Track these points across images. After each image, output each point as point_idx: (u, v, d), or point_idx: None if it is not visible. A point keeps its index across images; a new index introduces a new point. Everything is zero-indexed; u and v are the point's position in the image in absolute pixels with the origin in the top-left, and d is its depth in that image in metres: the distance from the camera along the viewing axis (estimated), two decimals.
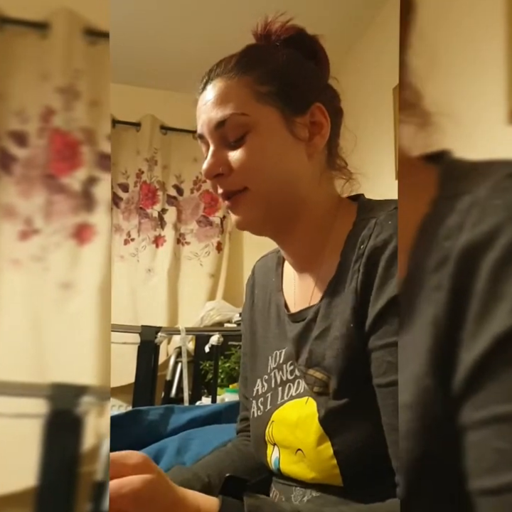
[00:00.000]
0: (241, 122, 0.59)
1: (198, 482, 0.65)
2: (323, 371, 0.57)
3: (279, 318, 0.69)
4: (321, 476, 0.56)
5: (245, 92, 0.60)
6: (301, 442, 0.57)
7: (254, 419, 0.68)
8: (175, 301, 2.68)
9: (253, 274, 0.80)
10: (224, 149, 0.61)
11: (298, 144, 0.61)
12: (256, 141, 0.59)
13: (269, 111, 0.60)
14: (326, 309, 0.59)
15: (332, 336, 0.57)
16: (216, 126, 0.60)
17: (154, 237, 2.71)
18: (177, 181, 2.80)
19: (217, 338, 1.91)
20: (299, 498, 0.59)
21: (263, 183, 0.60)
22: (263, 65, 0.62)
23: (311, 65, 0.65)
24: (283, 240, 0.67)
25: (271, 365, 0.68)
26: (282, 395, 0.64)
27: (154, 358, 1.95)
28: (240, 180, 0.60)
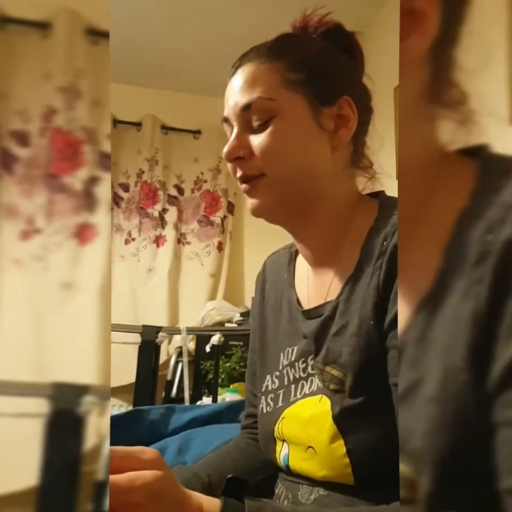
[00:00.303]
0: (267, 107, 0.59)
1: (198, 482, 0.65)
2: (339, 368, 0.57)
3: (291, 315, 0.68)
4: (332, 475, 0.55)
5: (274, 77, 0.60)
6: (313, 440, 0.57)
7: (263, 415, 0.68)
8: (175, 301, 2.68)
9: (263, 270, 0.79)
10: (247, 133, 0.61)
11: (322, 135, 0.61)
12: (280, 127, 0.59)
13: (297, 98, 0.60)
14: (344, 305, 0.58)
15: (349, 332, 0.56)
16: (242, 109, 0.61)
17: (155, 237, 2.71)
18: (178, 181, 2.80)
19: (218, 338, 1.91)
20: (306, 495, 0.59)
21: (282, 170, 0.60)
22: (295, 53, 0.62)
23: (345, 59, 0.65)
24: (299, 232, 0.66)
25: (283, 362, 0.67)
26: (295, 393, 0.64)
27: (155, 358, 1.95)
28: (259, 164, 0.60)
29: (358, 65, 0.67)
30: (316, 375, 0.61)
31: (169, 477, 0.46)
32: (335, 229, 0.63)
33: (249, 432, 0.78)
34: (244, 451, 0.74)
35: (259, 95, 0.59)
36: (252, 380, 0.77)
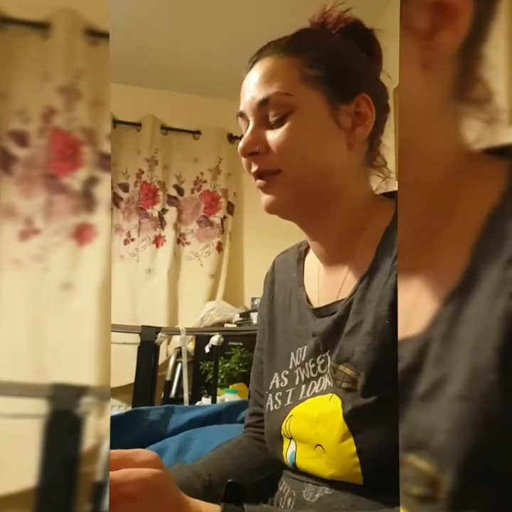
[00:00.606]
0: (284, 102, 0.59)
1: (199, 480, 0.65)
2: (352, 367, 0.56)
3: (301, 314, 0.68)
4: (340, 473, 0.55)
5: (293, 73, 0.60)
6: (322, 438, 0.57)
7: (270, 412, 0.68)
8: (175, 302, 2.68)
9: (273, 269, 0.79)
10: (263, 128, 0.61)
11: (339, 132, 0.61)
12: (297, 123, 0.59)
13: (315, 94, 0.60)
14: (358, 304, 0.58)
15: (363, 331, 0.56)
16: (259, 104, 0.60)
17: (154, 237, 2.71)
18: (177, 181, 2.80)
19: (218, 339, 1.91)
20: (311, 494, 0.59)
21: (298, 166, 0.59)
22: (314, 49, 0.61)
23: (364, 56, 0.65)
24: (313, 230, 0.66)
25: (294, 361, 0.67)
26: (305, 392, 0.63)
27: (154, 358, 1.95)
28: (275, 160, 0.60)
29: (375, 62, 0.67)
30: (326, 375, 0.61)
31: (167, 477, 0.46)
32: (350, 227, 0.63)
33: (252, 430, 0.78)
34: (246, 450, 0.74)
35: (277, 90, 0.59)
36: (258, 379, 0.76)
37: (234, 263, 2.79)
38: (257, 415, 0.77)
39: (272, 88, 0.59)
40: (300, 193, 0.61)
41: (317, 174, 0.60)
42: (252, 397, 0.80)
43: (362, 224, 0.62)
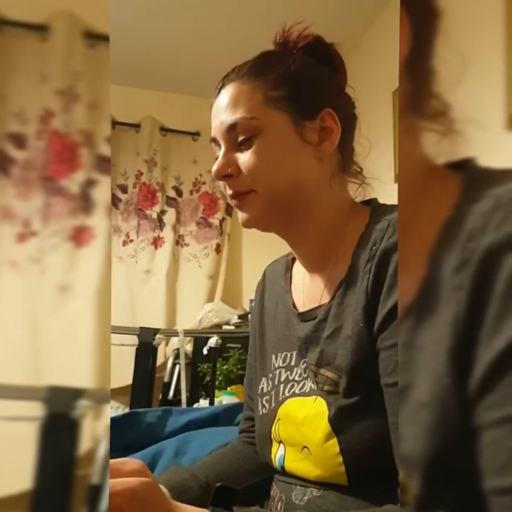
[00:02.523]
0: (250, 126, 0.61)
1: (196, 482, 0.66)
2: (333, 370, 0.58)
3: (288, 320, 0.70)
4: (325, 474, 0.56)
5: (256, 96, 0.62)
6: (308, 439, 0.58)
7: (260, 417, 0.69)
8: (173, 303, 2.67)
9: (263, 279, 0.81)
10: (234, 151, 0.63)
11: (306, 148, 0.62)
12: (263, 145, 0.61)
13: (279, 115, 0.62)
14: (337, 309, 0.60)
15: (343, 335, 0.58)
16: (228, 129, 0.62)
17: (153, 239, 2.71)
18: (176, 183, 2.80)
19: (216, 340, 1.91)
20: (300, 496, 0.59)
21: (269, 185, 0.61)
22: (275, 70, 0.63)
23: (325, 71, 0.66)
24: (294, 240, 0.68)
25: (274, 364, 0.69)
26: (283, 391, 0.65)
27: (152, 360, 1.95)
28: (247, 181, 0.62)
29: (339, 75, 0.68)
30: (309, 378, 0.62)
31: (153, 485, 0.46)
32: (327, 235, 0.65)
33: (246, 435, 0.79)
34: (241, 454, 0.75)
35: (242, 115, 0.61)
36: (250, 384, 0.78)
37: (232, 265, 2.79)
38: (250, 420, 0.78)
39: (237, 113, 0.61)
40: (274, 209, 0.63)
41: (288, 190, 0.62)
42: (245, 402, 0.81)
43: (339, 231, 0.64)
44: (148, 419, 1.17)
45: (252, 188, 0.62)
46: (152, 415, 1.18)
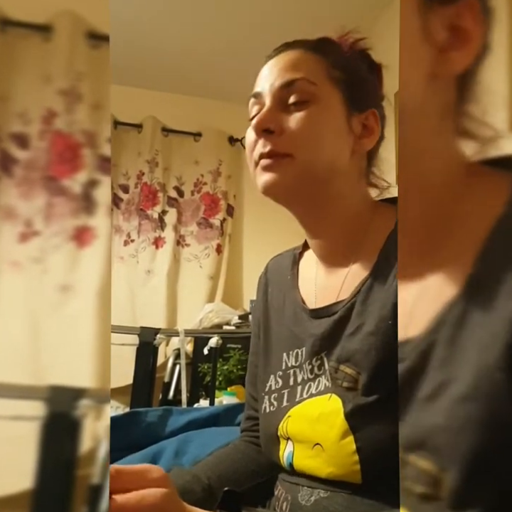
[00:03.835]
0: (308, 89, 0.60)
1: (198, 484, 0.65)
2: (353, 367, 0.57)
3: (296, 316, 0.68)
4: (338, 472, 0.55)
5: (319, 67, 0.62)
6: (322, 437, 0.57)
7: (266, 414, 0.68)
8: (174, 303, 2.68)
9: (266, 272, 0.80)
10: (280, 111, 0.61)
11: (349, 136, 0.63)
12: (316, 112, 0.60)
13: (335, 93, 0.62)
14: (361, 306, 0.59)
15: (364, 331, 0.57)
16: (282, 86, 0.61)
17: (154, 239, 2.71)
18: (178, 183, 2.81)
19: (216, 341, 1.91)
20: (306, 497, 0.59)
21: (309, 154, 0.60)
22: (337, 54, 0.64)
23: (374, 76, 0.69)
24: (315, 229, 0.66)
25: (287, 362, 0.68)
26: (301, 393, 0.64)
27: (152, 360, 1.95)
28: (287, 143, 0.60)
29: (381, 88, 0.70)
30: (323, 375, 0.61)
31: (174, 495, 0.47)
32: (351, 230, 0.64)
33: (248, 435, 0.78)
34: (243, 454, 0.75)
35: (303, 76, 0.61)
36: (253, 383, 0.77)
37: (233, 265, 2.79)
38: (252, 419, 0.77)
39: (298, 73, 0.61)
40: (305, 181, 0.60)
41: (324, 167, 0.61)
42: (247, 401, 0.80)
43: (363, 228, 0.64)
44: (148, 419, 1.17)
45: (291, 152, 0.60)
46: (152, 415, 1.18)
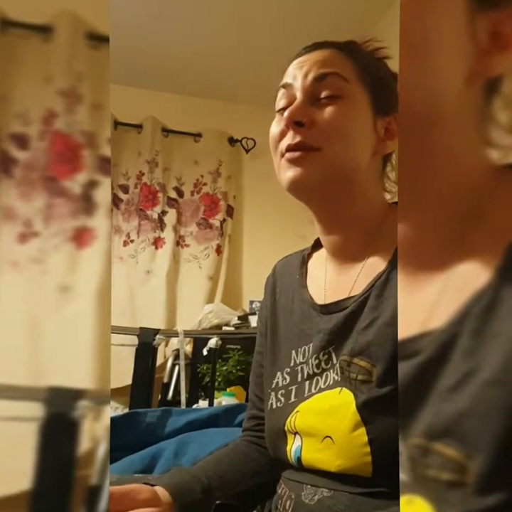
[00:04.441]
0: (340, 85, 0.62)
1: (198, 484, 0.65)
2: (367, 359, 0.58)
3: (304, 313, 0.69)
4: (349, 464, 0.55)
5: (350, 66, 0.64)
6: (332, 429, 0.57)
7: (273, 410, 0.68)
8: (173, 304, 2.68)
9: (274, 273, 0.81)
10: (311, 105, 0.62)
11: (373, 137, 0.64)
12: (347, 108, 0.62)
13: (364, 93, 0.64)
14: (376, 301, 0.60)
15: (379, 324, 0.58)
16: (315, 79, 0.63)
17: (154, 239, 2.71)
18: (177, 183, 2.81)
19: (216, 341, 1.91)
20: (310, 496, 0.59)
21: (339, 148, 0.61)
22: (366, 58, 0.67)
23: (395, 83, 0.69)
24: (331, 226, 0.68)
25: (295, 359, 0.68)
26: (310, 388, 0.64)
27: (152, 360, 1.95)
28: (318, 136, 0.61)
29: None
30: (332, 369, 0.62)
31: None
32: (367, 229, 0.66)
33: (250, 434, 0.78)
34: (244, 453, 0.74)
35: (336, 71, 0.62)
36: (257, 382, 0.77)
37: (233, 266, 2.79)
38: (255, 419, 0.77)
39: (332, 68, 0.63)
40: (332, 176, 0.61)
41: (350, 165, 0.62)
42: (250, 400, 0.80)
43: (378, 227, 0.65)
44: (147, 420, 1.17)
45: (319, 146, 0.60)
46: (152, 416, 1.18)
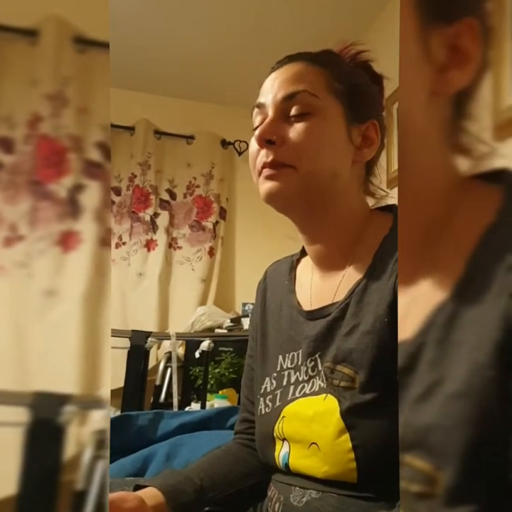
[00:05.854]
0: (310, 102, 0.62)
1: (191, 485, 0.66)
2: (350, 366, 0.58)
3: (292, 319, 0.70)
4: (334, 470, 0.56)
5: (321, 79, 0.64)
6: (318, 435, 0.58)
7: (262, 416, 0.69)
8: (166, 306, 2.67)
9: (265, 278, 0.82)
10: (282, 122, 0.63)
11: (349, 147, 0.65)
12: (316, 124, 0.62)
13: (336, 105, 0.64)
14: (356, 307, 0.60)
15: (361, 331, 0.58)
16: (285, 98, 0.63)
17: (146, 241, 2.71)
18: (170, 186, 2.80)
19: (208, 344, 1.91)
20: (298, 498, 0.59)
21: (311, 166, 0.62)
22: (339, 67, 0.67)
23: (376, 87, 0.70)
24: (312, 235, 0.68)
25: (282, 364, 0.69)
26: (294, 392, 0.65)
27: (144, 363, 1.94)
28: (289, 154, 0.62)
29: (382, 99, 0.72)
30: (317, 376, 0.62)
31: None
32: (347, 236, 0.66)
33: (242, 437, 0.78)
34: (236, 456, 0.75)
35: (305, 88, 0.62)
36: (249, 386, 0.77)
37: (225, 268, 2.79)
38: (247, 422, 0.78)
39: (300, 86, 0.63)
40: (307, 190, 0.62)
41: (325, 178, 0.63)
42: (242, 403, 0.80)
43: (359, 234, 0.66)
44: (139, 422, 1.17)
45: (292, 164, 0.61)
46: (144, 418, 1.18)
